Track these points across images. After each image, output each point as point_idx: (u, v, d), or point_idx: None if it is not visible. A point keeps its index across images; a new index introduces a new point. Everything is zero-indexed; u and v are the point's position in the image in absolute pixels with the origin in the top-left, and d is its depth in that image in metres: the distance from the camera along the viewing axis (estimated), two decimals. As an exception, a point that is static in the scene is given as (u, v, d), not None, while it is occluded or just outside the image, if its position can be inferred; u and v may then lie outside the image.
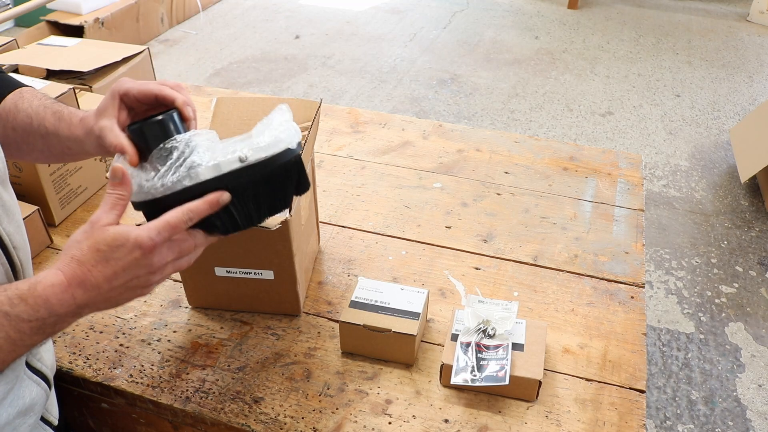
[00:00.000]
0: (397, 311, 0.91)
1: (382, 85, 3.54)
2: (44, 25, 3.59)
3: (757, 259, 2.34)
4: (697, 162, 2.91)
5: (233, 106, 1.03)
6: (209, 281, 0.96)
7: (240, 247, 0.91)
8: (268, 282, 0.95)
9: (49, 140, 0.77)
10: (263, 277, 0.95)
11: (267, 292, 0.97)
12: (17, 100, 0.79)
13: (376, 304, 0.92)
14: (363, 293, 0.94)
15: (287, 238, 0.89)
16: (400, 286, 0.96)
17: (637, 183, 1.32)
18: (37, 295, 0.57)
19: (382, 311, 0.91)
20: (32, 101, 0.79)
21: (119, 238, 0.60)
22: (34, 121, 0.77)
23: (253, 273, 0.94)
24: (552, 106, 3.35)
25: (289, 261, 0.92)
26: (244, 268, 0.94)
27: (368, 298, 0.93)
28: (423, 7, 4.65)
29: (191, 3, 4.38)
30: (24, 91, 0.81)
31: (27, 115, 0.78)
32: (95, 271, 0.59)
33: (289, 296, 0.97)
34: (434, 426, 0.83)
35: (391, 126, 1.51)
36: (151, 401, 0.87)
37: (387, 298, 0.93)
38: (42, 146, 0.78)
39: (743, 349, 1.99)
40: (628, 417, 0.85)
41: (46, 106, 0.79)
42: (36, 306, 0.57)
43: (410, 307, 0.92)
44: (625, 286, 1.06)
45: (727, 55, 3.93)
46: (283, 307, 0.99)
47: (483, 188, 1.30)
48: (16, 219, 0.70)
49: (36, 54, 1.48)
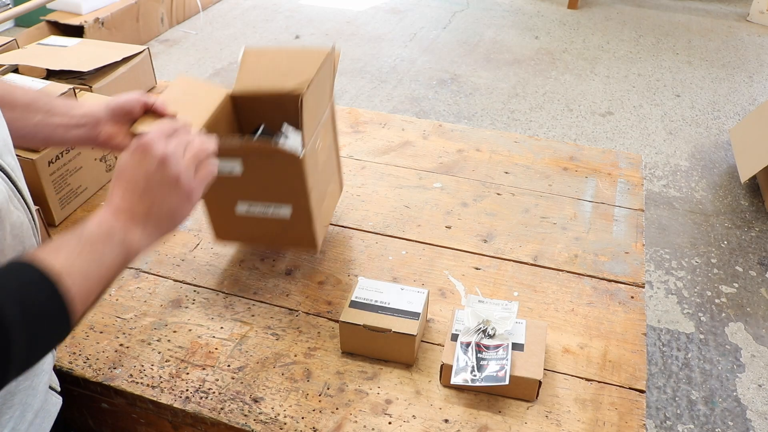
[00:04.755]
0: (397, 311, 0.91)
1: (382, 85, 3.54)
2: (44, 25, 3.59)
3: (757, 259, 2.34)
4: (697, 162, 2.91)
5: (259, 57, 1.10)
6: (232, 217, 1.01)
7: (259, 182, 0.97)
8: (287, 218, 1.00)
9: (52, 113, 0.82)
10: (281, 212, 0.99)
11: (285, 228, 1.01)
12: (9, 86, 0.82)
13: (376, 304, 0.92)
14: (363, 293, 0.94)
15: (301, 174, 0.93)
16: (400, 286, 0.96)
17: (637, 183, 1.32)
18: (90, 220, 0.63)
19: (382, 311, 0.91)
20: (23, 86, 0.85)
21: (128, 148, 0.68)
22: (41, 99, 0.82)
23: (272, 208, 0.99)
24: (552, 106, 3.35)
25: (304, 197, 0.97)
26: (263, 202, 0.98)
27: (368, 298, 0.93)
28: (423, 7, 4.65)
29: (191, 3, 4.38)
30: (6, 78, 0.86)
31: (29, 96, 0.82)
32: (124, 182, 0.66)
33: (306, 233, 1.01)
34: (434, 426, 0.83)
35: (391, 126, 1.51)
36: (151, 401, 0.87)
37: (387, 298, 0.93)
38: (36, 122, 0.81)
39: (743, 349, 1.99)
40: (628, 417, 0.85)
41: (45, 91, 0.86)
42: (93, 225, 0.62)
43: (410, 307, 0.92)
44: (625, 286, 1.06)
45: (727, 55, 3.93)
46: (300, 243, 1.04)
47: (483, 188, 1.30)
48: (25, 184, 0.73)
49: (36, 54, 1.47)
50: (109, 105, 0.85)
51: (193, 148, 0.70)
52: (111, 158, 1.30)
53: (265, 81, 1.06)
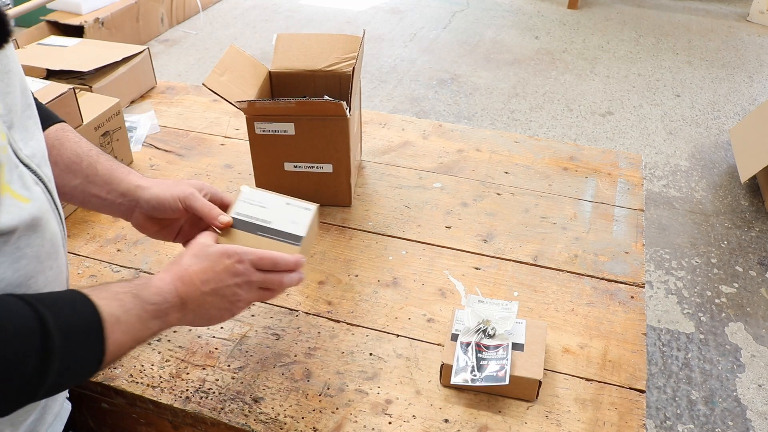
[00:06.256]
0: (278, 233, 0.80)
1: (382, 85, 3.54)
2: (44, 25, 3.59)
3: (757, 259, 2.34)
4: (697, 162, 2.91)
5: (292, 41, 1.30)
6: (278, 175, 1.18)
7: (307, 143, 1.14)
8: (327, 175, 1.17)
9: (91, 181, 0.80)
10: (323, 170, 1.17)
11: (325, 184, 1.19)
12: (62, 136, 0.81)
13: (256, 223, 0.81)
14: (245, 208, 0.82)
15: (346, 132, 1.12)
16: (286, 199, 0.84)
17: (637, 183, 1.32)
18: (152, 284, 0.69)
19: (261, 232, 0.80)
20: (80, 142, 0.82)
21: (213, 246, 0.74)
22: (84, 161, 0.81)
23: (315, 167, 1.16)
24: (552, 106, 3.35)
25: (345, 154, 1.15)
26: (309, 162, 1.16)
27: (250, 215, 0.81)
28: (423, 7, 4.65)
29: (191, 3, 4.38)
30: (67, 129, 0.83)
31: (75, 153, 0.80)
32: (191, 269, 0.72)
33: (343, 187, 1.20)
34: (434, 426, 0.83)
35: (391, 126, 1.51)
36: (151, 401, 0.87)
37: (270, 215, 0.82)
38: (74, 185, 0.80)
39: (743, 349, 1.99)
40: (628, 417, 0.85)
41: (97, 151, 0.83)
42: (153, 292, 0.68)
43: (293, 229, 0.80)
44: (625, 286, 1.06)
45: (727, 55, 3.93)
46: (337, 198, 1.22)
47: (483, 188, 1.30)
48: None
49: (36, 54, 1.48)
50: (150, 200, 0.80)
51: (270, 283, 0.75)
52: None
53: (298, 62, 1.27)
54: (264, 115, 1.11)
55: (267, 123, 1.12)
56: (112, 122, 1.28)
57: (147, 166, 1.35)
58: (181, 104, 1.59)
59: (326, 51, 1.27)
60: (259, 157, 1.17)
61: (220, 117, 1.54)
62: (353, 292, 1.04)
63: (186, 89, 1.66)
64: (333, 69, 1.26)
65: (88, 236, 1.16)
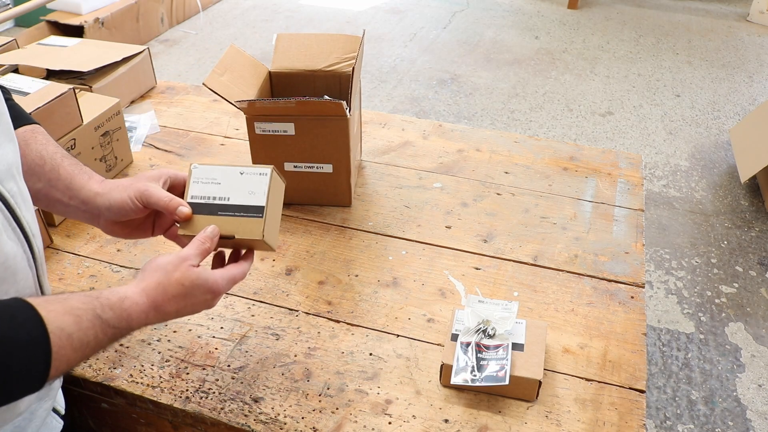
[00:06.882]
0: (238, 208, 0.77)
1: (382, 85, 3.54)
2: (44, 25, 3.59)
3: (757, 259, 2.34)
4: (697, 162, 2.91)
5: (292, 41, 1.31)
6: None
7: (307, 143, 1.14)
8: (327, 175, 1.18)
9: (53, 186, 0.77)
10: (323, 170, 1.17)
11: (325, 184, 1.20)
12: (29, 137, 0.78)
13: (214, 203, 0.78)
14: (200, 189, 0.78)
15: (346, 132, 1.12)
16: (240, 169, 0.80)
17: (637, 183, 1.32)
18: (123, 308, 0.66)
19: (221, 211, 0.77)
20: (47, 145, 0.79)
21: (201, 279, 0.71)
22: (47, 164, 0.77)
23: (315, 167, 1.17)
24: (552, 106, 3.35)
25: (345, 154, 1.15)
26: (309, 162, 1.17)
27: (206, 195, 0.78)
28: (423, 7, 4.65)
29: (191, 3, 4.38)
30: (37, 130, 0.80)
31: (40, 155, 0.77)
32: (172, 303, 0.69)
33: (343, 187, 1.20)
34: (434, 426, 0.83)
35: (391, 126, 1.51)
36: (151, 401, 0.87)
37: (226, 191, 0.78)
38: (38, 189, 0.77)
39: (743, 349, 1.99)
40: (628, 417, 0.85)
41: (63, 154, 0.79)
42: (120, 317, 0.65)
43: (252, 200, 0.77)
44: (625, 286, 1.06)
45: (727, 55, 3.93)
46: (337, 198, 1.22)
47: (483, 188, 1.30)
48: (31, 208, 0.70)
49: (36, 54, 1.47)
50: (111, 207, 0.77)
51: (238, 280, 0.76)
52: (111, 158, 1.30)
53: (298, 62, 1.27)
54: (264, 115, 1.11)
55: (267, 123, 1.12)
56: (112, 122, 1.28)
57: (147, 166, 1.35)
58: (181, 104, 1.59)
59: (326, 51, 1.28)
60: (259, 157, 1.18)
61: (220, 117, 1.54)
62: (353, 292, 1.04)
63: (186, 89, 1.66)
64: (333, 69, 1.26)
65: (88, 236, 1.16)
